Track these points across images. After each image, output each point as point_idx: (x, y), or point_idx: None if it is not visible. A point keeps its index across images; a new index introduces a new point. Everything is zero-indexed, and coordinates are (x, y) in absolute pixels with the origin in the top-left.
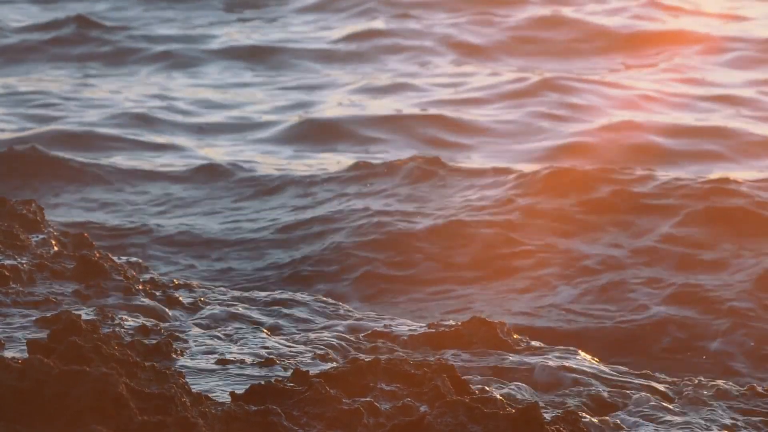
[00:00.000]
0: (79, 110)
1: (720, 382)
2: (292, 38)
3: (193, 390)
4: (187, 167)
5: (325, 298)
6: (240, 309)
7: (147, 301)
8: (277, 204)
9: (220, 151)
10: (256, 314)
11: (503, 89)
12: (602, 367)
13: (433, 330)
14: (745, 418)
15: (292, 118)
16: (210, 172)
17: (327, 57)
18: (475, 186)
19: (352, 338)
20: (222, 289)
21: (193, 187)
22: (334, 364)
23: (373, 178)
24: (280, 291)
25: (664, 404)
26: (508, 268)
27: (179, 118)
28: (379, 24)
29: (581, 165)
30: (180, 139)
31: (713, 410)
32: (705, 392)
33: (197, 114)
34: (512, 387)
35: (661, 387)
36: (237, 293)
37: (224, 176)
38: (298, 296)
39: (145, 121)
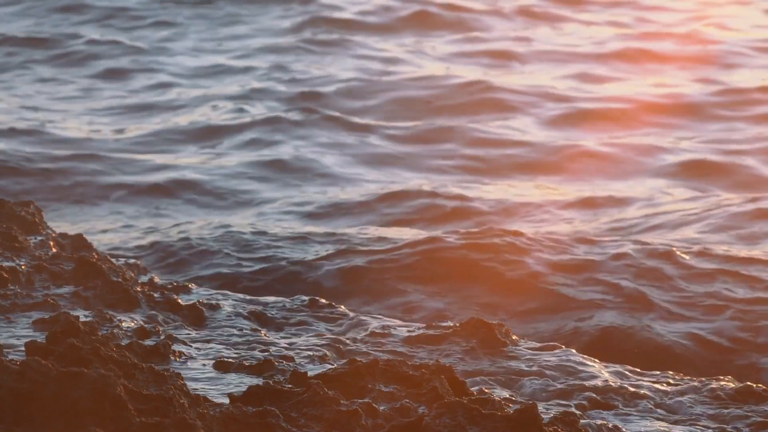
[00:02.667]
0: None
1: (717, 381)
2: None
3: (191, 391)
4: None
5: (323, 300)
6: (237, 311)
7: (145, 302)
8: (273, 208)
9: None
10: (254, 316)
11: None
12: (600, 368)
13: (432, 331)
14: (742, 417)
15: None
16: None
17: None
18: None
19: (350, 339)
20: (220, 291)
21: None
22: (333, 366)
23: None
24: (277, 293)
25: (661, 404)
26: (506, 268)
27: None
28: None
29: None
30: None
31: (711, 409)
32: (703, 392)
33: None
34: (510, 388)
35: (659, 387)
36: (234, 296)
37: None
38: (296, 298)
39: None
